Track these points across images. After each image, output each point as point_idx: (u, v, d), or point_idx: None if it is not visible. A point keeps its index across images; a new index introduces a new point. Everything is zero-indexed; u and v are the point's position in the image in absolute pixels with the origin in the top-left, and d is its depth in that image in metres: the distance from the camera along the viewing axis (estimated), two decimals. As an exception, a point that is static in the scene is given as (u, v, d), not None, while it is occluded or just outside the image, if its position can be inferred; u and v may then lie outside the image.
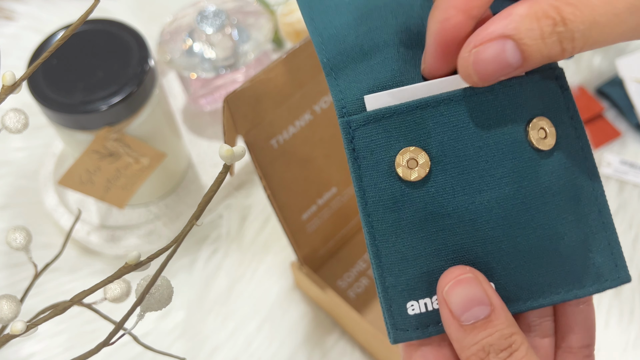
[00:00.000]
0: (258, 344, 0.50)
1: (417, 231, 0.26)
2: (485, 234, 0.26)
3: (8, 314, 0.28)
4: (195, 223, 0.27)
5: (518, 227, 0.26)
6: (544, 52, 0.24)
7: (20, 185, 0.58)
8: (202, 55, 0.55)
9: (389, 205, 0.26)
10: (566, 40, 0.24)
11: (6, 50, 0.64)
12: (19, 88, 0.29)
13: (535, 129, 0.26)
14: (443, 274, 0.26)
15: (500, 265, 0.26)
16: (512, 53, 0.24)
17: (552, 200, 0.26)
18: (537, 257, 0.26)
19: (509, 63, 0.24)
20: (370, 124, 0.26)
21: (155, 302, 0.29)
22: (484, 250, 0.26)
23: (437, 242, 0.26)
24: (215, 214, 0.56)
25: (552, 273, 0.26)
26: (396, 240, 0.26)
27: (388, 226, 0.26)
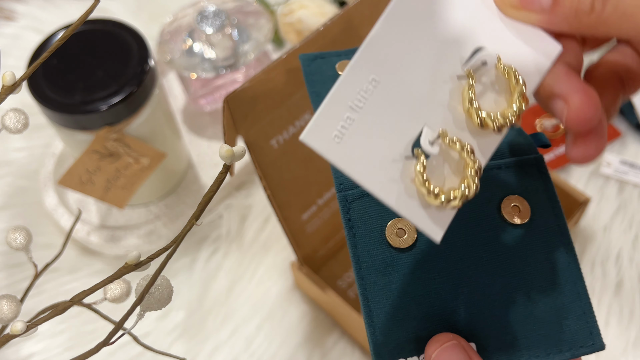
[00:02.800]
0: (258, 344, 0.50)
1: (405, 294, 0.29)
2: (466, 298, 0.29)
3: (8, 314, 0.28)
4: (195, 223, 0.27)
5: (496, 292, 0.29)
6: (574, 3, 0.25)
7: (20, 185, 0.58)
8: (202, 55, 0.55)
9: (380, 269, 0.29)
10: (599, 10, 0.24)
11: (6, 50, 0.64)
12: (19, 88, 0.29)
13: (508, 205, 0.30)
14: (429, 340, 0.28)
15: (481, 326, 0.29)
16: None
17: (525, 269, 0.29)
18: (514, 320, 0.29)
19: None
20: (364, 198, 0.30)
21: (155, 302, 0.29)
22: (467, 312, 0.29)
23: (424, 305, 0.29)
24: (215, 214, 0.56)
25: (530, 336, 0.29)
26: (387, 302, 0.29)
27: (380, 288, 0.29)
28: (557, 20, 0.25)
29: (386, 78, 0.25)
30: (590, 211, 0.54)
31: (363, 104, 0.24)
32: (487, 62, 0.26)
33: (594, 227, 0.53)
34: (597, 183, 0.55)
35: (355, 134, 0.24)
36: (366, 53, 0.25)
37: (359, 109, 0.24)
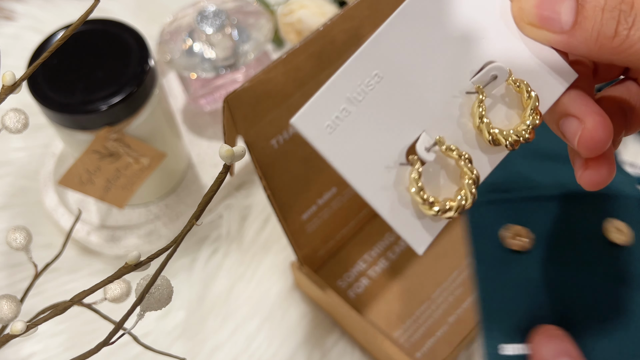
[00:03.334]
0: (258, 344, 0.50)
1: (516, 291, 0.33)
2: (573, 304, 0.33)
3: (8, 314, 0.28)
4: (195, 223, 0.27)
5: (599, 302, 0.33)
6: (597, 26, 0.24)
7: (20, 185, 0.58)
8: (202, 55, 0.55)
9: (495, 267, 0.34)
10: (624, 22, 0.23)
11: (6, 50, 0.64)
12: (19, 88, 0.29)
13: (612, 225, 0.35)
14: (536, 330, 0.31)
15: (585, 331, 0.32)
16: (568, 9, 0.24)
17: (628, 285, 0.33)
18: (615, 329, 0.32)
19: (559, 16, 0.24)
20: (484, 206, 0.36)
21: (155, 302, 0.29)
22: (572, 317, 0.33)
23: (534, 302, 0.33)
24: (215, 214, 0.56)
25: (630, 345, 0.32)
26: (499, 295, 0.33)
27: (493, 284, 0.34)
28: (576, 42, 0.24)
29: (390, 75, 0.24)
30: (590, 211, 0.54)
31: (362, 97, 0.24)
32: (497, 76, 0.25)
33: (594, 227, 0.53)
34: (597, 183, 0.55)
35: (350, 127, 0.24)
36: (373, 46, 0.24)
37: (358, 102, 0.24)
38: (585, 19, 0.24)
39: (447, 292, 0.50)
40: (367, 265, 0.51)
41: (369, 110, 0.24)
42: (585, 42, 0.24)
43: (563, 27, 0.24)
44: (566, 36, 0.24)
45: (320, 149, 0.23)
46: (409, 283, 0.50)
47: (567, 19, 0.24)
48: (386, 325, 0.49)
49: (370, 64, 0.24)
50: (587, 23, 0.24)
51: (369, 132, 0.24)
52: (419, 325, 0.48)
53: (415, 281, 0.50)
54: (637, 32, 0.23)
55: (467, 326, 0.48)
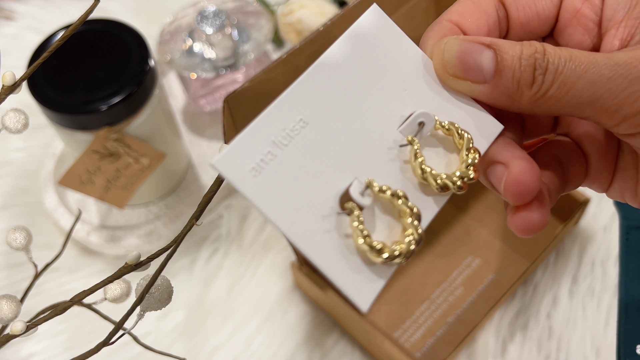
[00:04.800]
0: (258, 344, 0.50)
1: None
2: None
3: (8, 314, 0.28)
4: (195, 223, 0.27)
5: None
6: (517, 74, 0.24)
7: (20, 185, 0.58)
8: (202, 55, 0.55)
9: None
10: (539, 67, 0.24)
11: (6, 50, 0.64)
12: (19, 88, 0.29)
13: None
14: None
15: None
16: (488, 59, 0.24)
17: None
18: None
19: (481, 66, 0.24)
20: None
21: (155, 302, 0.29)
22: None
23: None
24: (215, 214, 0.56)
25: None
26: None
27: None
28: (499, 92, 0.25)
29: (316, 121, 0.24)
30: (590, 211, 0.54)
31: (288, 142, 0.23)
32: (425, 122, 0.25)
33: (594, 227, 0.53)
34: (597, 183, 0.55)
35: (277, 172, 0.22)
36: (297, 91, 0.24)
37: (283, 146, 0.23)
38: (505, 67, 0.24)
39: (447, 292, 0.50)
40: (367, 265, 0.51)
41: (296, 154, 0.23)
42: (507, 91, 0.24)
43: (485, 77, 0.25)
44: (489, 86, 0.25)
45: (245, 193, 0.22)
46: (409, 283, 0.50)
47: (489, 68, 0.24)
48: (386, 325, 0.49)
49: (294, 109, 0.23)
50: (507, 71, 0.24)
51: (298, 177, 0.23)
52: (419, 325, 0.48)
53: (415, 281, 0.50)
54: (550, 76, 0.23)
55: (467, 326, 0.48)
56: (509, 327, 0.49)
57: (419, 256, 0.52)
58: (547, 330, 0.49)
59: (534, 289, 0.51)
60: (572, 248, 0.52)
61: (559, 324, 0.49)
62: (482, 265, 0.51)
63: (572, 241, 0.53)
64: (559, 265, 0.52)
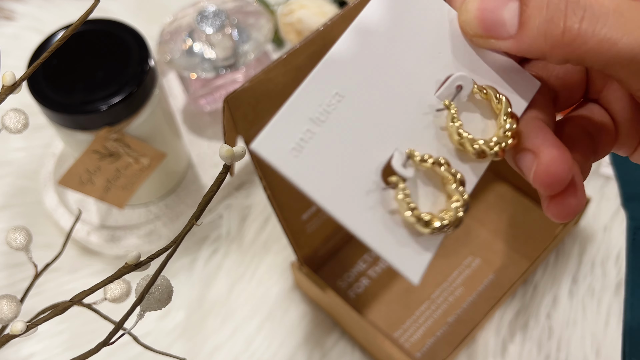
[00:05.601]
0: (258, 344, 0.50)
1: None
2: None
3: (8, 314, 0.28)
4: (195, 223, 0.27)
5: None
6: (542, 25, 0.22)
7: (20, 185, 0.58)
8: (202, 55, 0.55)
9: None
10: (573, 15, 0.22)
11: (6, 50, 0.64)
12: (19, 88, 0.29)
13: None
14: None
15: None
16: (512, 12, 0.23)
17: None
18: None
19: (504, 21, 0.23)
20: None
21: (155, 302, 0.29)
22: None
23: None
24: (215, 214, 0.56)
25: None
26: None
27: None
28: (526, 45, 0.23)
29: (351, 94, 0.23)
30: (590, 211, 0.54)
31: (325, 117, 0.22)
32: (463, 86, 0.24)
33: (594, 227, 0.53)
34: (597, 183, 0.55)
35: (317, 149, 0.22)
36: (329, 64, 0.23)
37: (321, 122, 0.22)
38: (529, 18, 0.23)
39: (447, 292, 0.50)
40: (367, 265, 0.51)
41: (334, 130, 0.22)
42: (535, 43, 0.23)
43: (509, 32, 0.23)
44: (514, 41, 0.23)
45: (288, 174, 0.21)
46: (409, 283, 0.50)
47: (512, 22, 0.23)
48: (386, 325, 0.49)
49: (328, 84, 0.23)
50: (531, 22, 0.23)
51: (338, 153, 0.22)
52: (419, 325, 0.48)
53: (415, 281, 0.50)
54: (589, 26, 0.22)
55: (467, 326, 0.48)
56: (509, 327, 0.49)
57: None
58: (547, 330, 0.49)
59: (534, 289, 0.51)
60: (572, 248, 0.52)
61: (559, 324, 0.49)
62: (482, 265, 0.51)
63: (572, 241, 0.53)
64: (559, 265, 0.52)
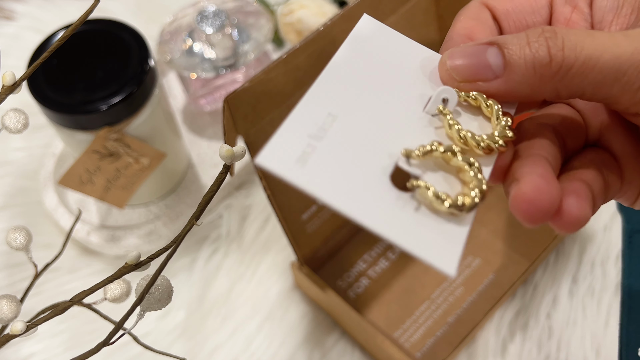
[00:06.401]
0: (258, 344, 0.50)
1: None
2: None
3: (8, 314, 0.28)
4: (195, 223, 0.27)
5: None
6: (529, 57, 0.23)
7: (20, 185, 0.58)
8: (202, 55, 0.55)
9: None
10: (554, 46, 0.23)
11: (6, 50, 0.64)
12: (19, 88, 0.29)
13: None
14: None
15: None
16: (494, 55, 0.24)
17: None
18: None
19: (489, 64, 0.24)
20: None
21: (155, 302, 0.29)
22: None
23: None
24: (215, 214, 0.56)
25: None
26: None
27: None
28: (514, 83, 0.24)
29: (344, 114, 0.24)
30: (590, 211, 0.54)
31: (323, 134, 0.23)
32: (448, 99, 0.25)
33: (594, 227, 0.53)
34: (597, 183, 0.55)
35: (322, 159, 0.23)
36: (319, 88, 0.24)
37: (320, 138, 0.23)
38: (513, 57, 0.23)
39: (447, 292, 0.50)
40: (367, 265, 0.51)
41: (335, 144, 0.23)
42: (524, 79, 0.23)
43: (495, 73, 0.24)
44: (502, 80, 0.24)
45: (296, 182, 0.22)
46: (408, 283, 0.50)
47: (496, 63, 0.24)
48: (386, 325, 0.49)
49: (320, 105, 0.24)
50: (517, 59, 0.23)
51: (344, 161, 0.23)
52: (419, 325, 0.48)
53: (415, 281, 0.51)
54: (571, 51, 0.22)
55: (467, 326, 0.48)
56: (509, 327, 0.49)
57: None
58: (547, 330, 0.49)
59: (534, 289, 0.51)
60: (572, 248, 0.52)
61: (559, 324, 0.49)
62: (482, 265, 0.51)
63: (572, 241, 0.53)
64: (559, 265, 0.52)
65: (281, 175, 0.22)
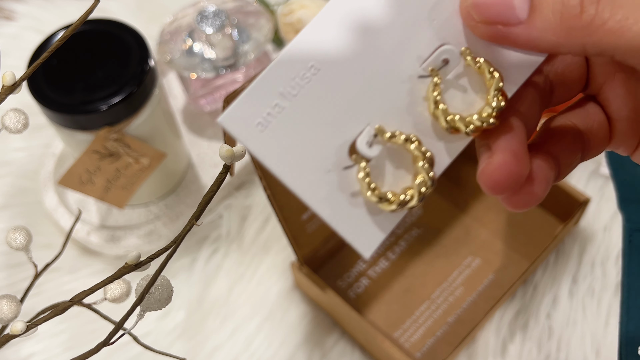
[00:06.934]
0: (258, 344, 0.50)
1: None
2: None
3: (8, 314, 0.28)
4: (195, 223, 0.27)
5: None
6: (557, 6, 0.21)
7: (20, 185, 0.58)
8: (202, 55, 0.55)
9: None
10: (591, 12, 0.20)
11: (6, 50, 0.64)
12: (19, 88, 0.29)
13: None
14: None
15: None
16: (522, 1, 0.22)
17: None
18: None
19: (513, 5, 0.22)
20: None
21: (155, 302, 0.29)
22: None
23: None
24: (215, 214, 0.56)
25: None
26: None
27: None
28: (538, 31, 0.22)
29: (328, 67, 0.22)
30: (590, 211, 0.54)
31: (297, 91, 0.22)
32: (450, 60, 0.23)
33: (594, 227, 0.53)
34: (597, 183, 0.55)
35: (284, 125, 0.22)
36: (308, 36, 0.22)
37: (292, 96, 0.22)
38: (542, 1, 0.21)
39: (447, 292, 0.50)
40: (367, 265, 0.51)
41: (304, 105, 0.22)
42: (549, 29, 0.21)
43: (519, 17, 0.22)
44: (525, 27, 0.22)
45: (250, 148, 0.21)
46: (409, 283, 0.50)
47: (522, 6, 0.21)
48: (386, 325, 0.49)
49: (305, 55, 0.22)
50: (545, 5, 0.21)
51: (305, 129, 0.22)
52: (419, 325, 0.48)
53: (415, 281, 0.51)
54: (606, 7, 0.20)
55: (467, 326, 0.48)
56: (509, 327, 0.49)
57: (419, 256, 0.52)
58: (547, 330, 0.49)
59: (534, 289, 0.51)
60: (572, 248, 0.52)
61: (559, 324, 0.49)
62: (482, 265, 0.51)
63: (572, 241, 0.53)
64: (559, 265, 0.52)
65: (238, 139, 0.21)
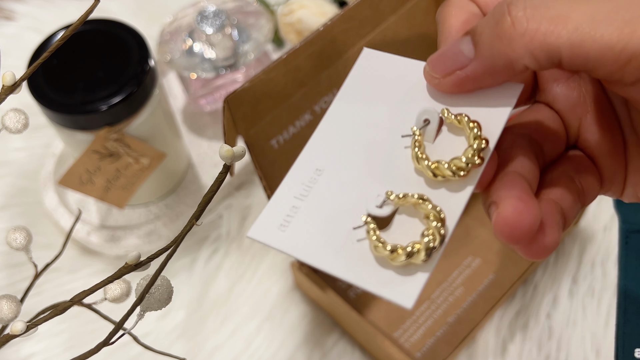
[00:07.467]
0: (258, 344, 0.50)
1: None
2: None
3: (8, 314, 0.28)
4: (195, 223, 0.27)
5: None
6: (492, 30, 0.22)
7: (20, 185, 0.58)
8: (202, 55, 0.55)
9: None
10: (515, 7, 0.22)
11: (6, 50, 0.64)
12: (19, 88, 0.29)
13: None
14: None
15: None
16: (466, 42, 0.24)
17: None
18: None
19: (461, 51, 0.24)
20: None
21: (155, 302, 0.29)
22: None
23: None
24: (215, 214, 0.56)
25: None
26: None
27: None
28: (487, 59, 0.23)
29: (330, 166, 0.26)
30: (590, 211, 0.54)
31: (308, 192, 0.25)
32: (430, 120, 0.25)
33: (594, 227, 0.53)
34: (597, 183, 0.55)
35: (301, 220, 0.25)
36: (310, 146, 0.26)
37: (304, 197, 0.25)
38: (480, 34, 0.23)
39: (447, 292, 0.50)
40: (367, 265, 0.51)
41: (316, 201, 0.25)
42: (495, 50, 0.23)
43: (468, 56, 0.24)
44: (476, 61, 0.23)
45: (278, 247, 0.24)
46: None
47: (468, 48, 0.24)
48: (386, 325, 0.49)
49: (310, 161, 0.26)
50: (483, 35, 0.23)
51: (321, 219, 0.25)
52: (419, 325, 0.48)
53: (415, 281, 0.50)
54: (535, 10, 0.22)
55: (467, 326, 0.48)
56: (509, 327, 0.49)
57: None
58: (547, 330, 0.49)
59: (534, 289, 0.51)
60: (572, 248, 0.52)
61: (559, 324, 0.49)
62: (482, 265, 0.51)
63: (572, 241, 0.53)
64: (559, 265, 0.52)
65: (266, 245, 0.25)
